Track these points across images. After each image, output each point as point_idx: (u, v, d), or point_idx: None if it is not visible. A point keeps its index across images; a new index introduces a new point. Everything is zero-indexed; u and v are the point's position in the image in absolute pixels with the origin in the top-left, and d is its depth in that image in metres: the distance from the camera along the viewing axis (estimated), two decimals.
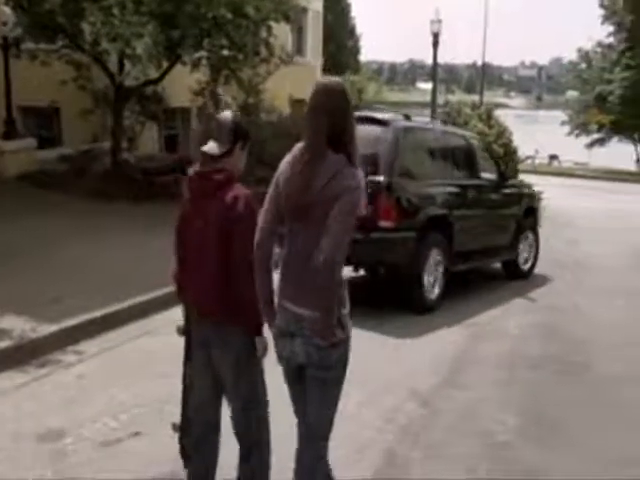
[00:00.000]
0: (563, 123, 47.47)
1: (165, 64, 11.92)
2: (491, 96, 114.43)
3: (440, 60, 24.07)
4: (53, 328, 5.47)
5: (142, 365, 5.19)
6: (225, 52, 11.90)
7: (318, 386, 2.65)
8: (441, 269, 7.08)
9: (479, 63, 45.97)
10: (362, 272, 7.59)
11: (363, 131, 6.87)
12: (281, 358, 2.73)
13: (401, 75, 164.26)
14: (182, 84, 13.26)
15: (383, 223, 6.43)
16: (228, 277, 2.86)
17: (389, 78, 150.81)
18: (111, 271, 7.19)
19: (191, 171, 3.06)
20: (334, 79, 2.68)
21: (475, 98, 52.48)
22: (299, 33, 19.78)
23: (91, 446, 3.93)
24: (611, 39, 40.53)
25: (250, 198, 2.93)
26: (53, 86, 12.07)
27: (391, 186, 6.52)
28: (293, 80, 16.31)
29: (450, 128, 8.73)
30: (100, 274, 7.05)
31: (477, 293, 8.09)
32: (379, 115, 7.33)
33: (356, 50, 40.74)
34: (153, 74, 12.04)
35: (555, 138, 47.81)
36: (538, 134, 59.30)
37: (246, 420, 3.05)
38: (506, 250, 8.57)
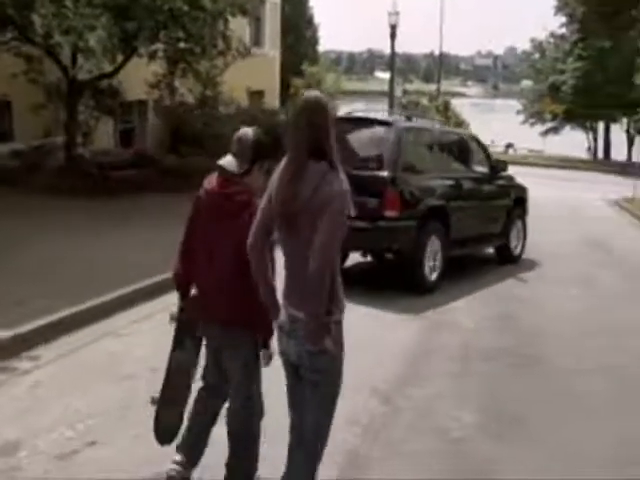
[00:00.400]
0: (518, 112, 48.25)
1: (120, 57, 11.69)
2: (448, 85, 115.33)
3: (398, 50, 24.21)
4: (9, 333, 5.32)
5: (103, 369, 5.07)
6: (182, 44, 11.75)
7: (311, 388, 2.79)
8: (439, 254, 7.79)
9: (436, 52, 46.28)
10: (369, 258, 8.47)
11: (369, 131, 7.73)
12: (280, 352, 2.89)
13: (359, 64, 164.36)
14: (138, 77, 13.05)
15: (388, 213, 7.16)
16: (244, 288, 2.98)
17: (348, 67, 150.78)
18: (77, 271, 7.06)
19: (208, 185, 3.14)
20: (314, 94, 2.81)
21: (433, 87, 53.14)
22: (257, 24, 19.60)
23: (47, 459, 3.76)
24: (564, 30, 41.26)
25: None
26: (3, 79, 11.72)
27: (395, 180, 7.27)
28: (251, 71, 16.18)
29: (448, 128, 9.52)
30: (66, 274, 6.91)
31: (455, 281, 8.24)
32: (383, 117, 8.27)
33: (314, 40, 40.55)
34: (108, 67, 11.80)
35: (511, 126, 48.56)
36: (494, 123, 60.18)
37: (242, 418, 3.21)
38: (498, 237, 9.38)
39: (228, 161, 3.05)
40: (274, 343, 3.03)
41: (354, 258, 8.35)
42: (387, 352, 5.78)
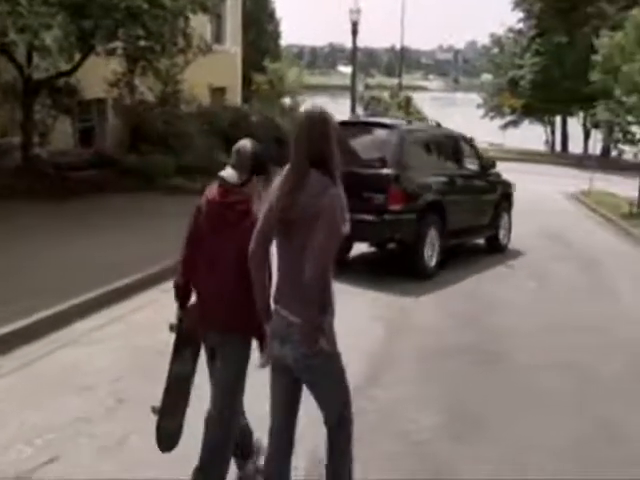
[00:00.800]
0: (479, 106, 48.88)
1: (78, 55, 11.48)
2: (410, 79, 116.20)
3: (360, 44, 24.33)
4: None
5: (62, 380, 4.96)
6: (142, 42, 11.59)
7: (315, 390, 2.99)
8: (437, 244, 8.61)
9: (398, 47, 46.59)
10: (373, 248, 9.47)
11: (374, 134, 8.59)
12: (271, 357, 3.00)
13: (322, 59, 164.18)
14: (97, 75, 12.83)
15: (392, 207, 8.02)
16: (244, 295, 3.08)
17: (310, 62, 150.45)
18: (34, 277, 6.94)
19: (209, 195, 3.24)
20: (316, 108, 2.94)
21: (395, 81, 53.33)
22: (218, 20, 19.41)
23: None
24: (522, 25, 41.88)
25: None
26: None
27: (398, 178, 8.10)
28: (213, 68, 16.03)
29: (442, 128, 10.10)
30: (23, 280, 6.79)
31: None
32: (387, 121, 9.34)
33: (276, 35, 40.34)
34: (65, 66, 11.58)
35: (472, 120, 49.24)
36: (455, 116, 60.57)
37: (225, 424, 3.28)
38: (487, 228, 10.30)
39: (228, 173, 3.17)
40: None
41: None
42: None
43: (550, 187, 23.04)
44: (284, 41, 45.41)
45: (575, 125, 45.06)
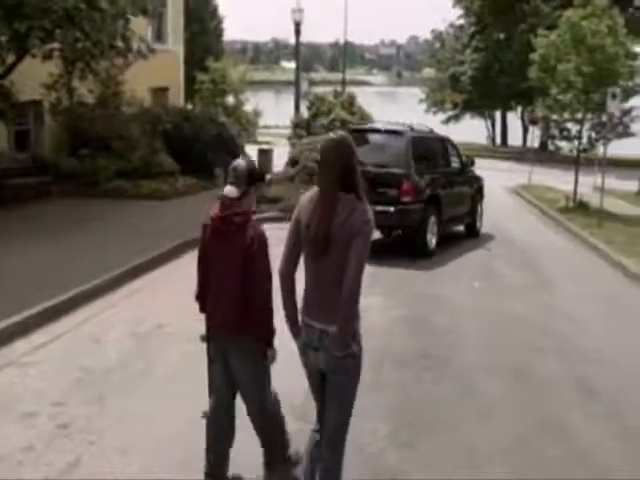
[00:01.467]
0: (421, 101, 49.61)
1: (12, 57, 11.12)
2: (354, 74, 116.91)
3: (303, 39, 24.35)
4: None
5: (2, 405, 4.77)
6: (79, 45, 11.30)
7: (336, 390, 3.24)
8: (435, 230, 10.38)
9: (341, 42, 46.74)
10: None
11: (384, 138, 10.27)
12: (306, 365, 3.31)
13: (265, 54, 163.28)
14: (33, 77, 12.43)
15: (404, 199, 9.78)
16: (248, 300, 3.47)
17: (253, 57, 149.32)
18: None
19: (212, 213, 3.58)
20: (340, 134, 3.26)
21: (339, 76, 53.39)
22: (159, 18, 19.04)
23: None
24: (462, 21, 42.63)
25: (263, 235, 3.55)
26: None
27: (408, 175, 9.89)
28: (154, 68, 15.70)
29: (434, 133, 11.82)
30: None
31: None
32: (395, 127, 10.73)
33: (219, 31, 39.94)
34: None
35: (415, 115, 49.92)
36: (399, 111, 61.14)
37: (263, 417, 3.69)
38: (467, 217, 12.11)
39: (228, 189, 3.50)
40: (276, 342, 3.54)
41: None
42: None
43: (492, 181, 23.50)
44: (227, 36, 44.77)
45: (514, 119, 46.38)
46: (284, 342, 3.54)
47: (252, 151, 20.69)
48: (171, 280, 8.09)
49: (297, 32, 18.34)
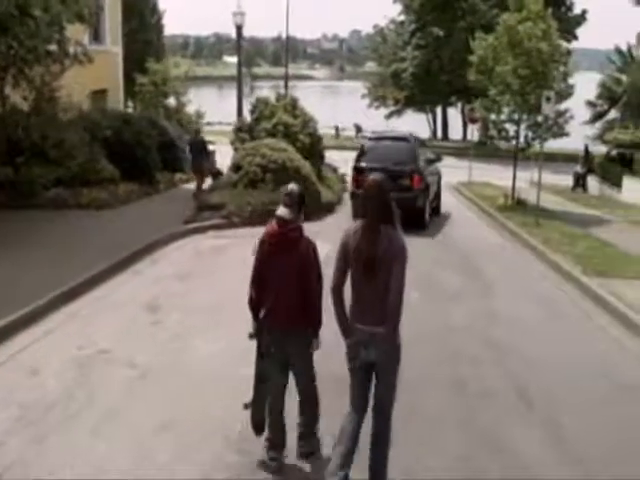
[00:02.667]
0: (363, 96, 50.02)
1: None
2: (297, 68, 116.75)
3: (246, 33, 24.33)
4: None
5: None
6: (12, 51, 10.95)
7: (385, 376, 4.14)
8: (429, 209, 14.11)
9: (284, 36, 46.53)
10: None
11: (395, 143, 14.19)
12: (354, 359, 4.13)
13: (207, 49, 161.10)
14: None
15: (415, 187, 13.40)
16: (303, 300, 4.33)
17: (195, 52, 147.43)
18: None
19: (270, 230, 4.37)
20: (379, 178, 4.15)
21: (281, 71, 53.15)
22: (96, 18, 18.55)
23: None
24: (402, 17, 43.10)
25: (314, 247, 4.42)
26: None
27: (417, 170, 13.57)
28: (92, 70, 15.26)
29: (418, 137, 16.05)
30: None
31: None
32: (402, 134, 15.19)
33: (159, 27, 39.22)
34: None
35: (358, 109, 50.30)
36: (344, 106, 61.58)
37: (309, 389, 4.55)
38: (435, 199, 15.38)
39: (284, 212, 4.30)
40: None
41: None
42: None
43: None
44: (168, 31, 43.97)
45: (455, 113, 47.27)
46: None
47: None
48: (112, 300, 7.92)
49: (239, 34, 18.17)
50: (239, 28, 18.17)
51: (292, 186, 4.44)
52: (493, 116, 17.38)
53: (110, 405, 5.17)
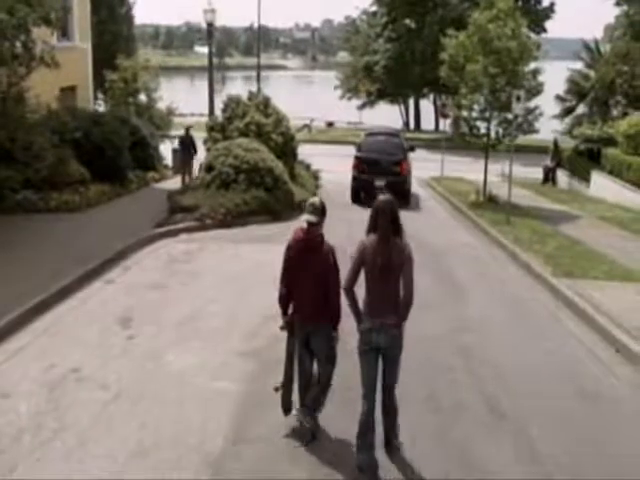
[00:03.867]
0: (336, 87, 50.02)
1: None
2: (269, 58, 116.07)
3: (217, 23, 24.10)
4: None
5: None
6: None
7: (393, 359, 4.94)
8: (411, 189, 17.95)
9: (256, 26, 46.25)
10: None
11: (389, 138, 18.20)
12: (368, 343, 4.86)
13: (179, 39, 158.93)
14: None
15: (403, 173, 16.75)
16: (327, 297, 5.06)
17: (166, 42, 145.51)
18: None
19: (296, 235, 5.15)
20: (389, 197, 4.91)
21: (254, 61, 52.70)
22: (64, 15, 18.18)
23: None
24: (375, 8, 43.11)
25: (334, 250, 5.15)
26: None
27: (405, 159, 16.86)
28: (61, 68, 15.03)
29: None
30: None
31: None
32: (393, 130, 20.01)
33: (129, 18, 38.62)
34: None
35: (331, 100, 50.28)
36: (317, 97, 61.29)
37: (328, 371, 5.25)
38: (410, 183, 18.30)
39: (310, 217, 5.04)
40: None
41: None
42: None
43: None
44: (138, 21, 43.26)
45: (427, 103, 47.52)
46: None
47: (166, 151, 20.35)
48: (84, 312, 7.81)
49: (209, 33, 17.95)
50: (210, 25, 17.95)
51: (315, 199, 5.20)
52: (465, 113, 17.52)
53: (83, 430, 5.10)
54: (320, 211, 5.06)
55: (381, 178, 16.19)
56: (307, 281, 5.05)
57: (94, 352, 6.47)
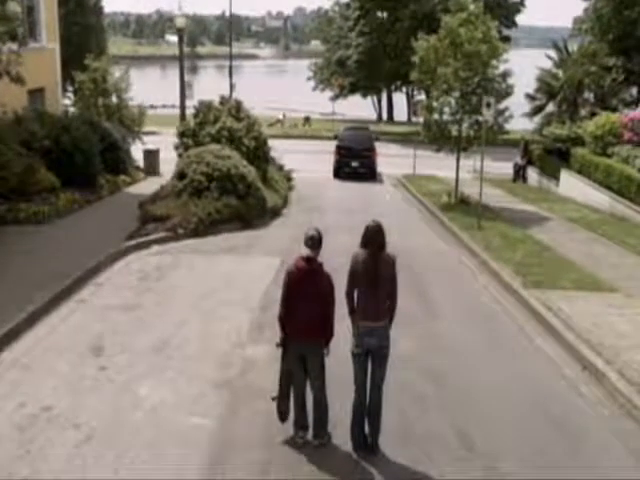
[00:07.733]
0: (309, 79, 49.90)
1: None
2: (241, 47, 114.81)
3: (189, 11, 23.90)
4: None
5: None
6: None
7: (380, 359, 5.67)
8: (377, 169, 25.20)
9: (227, 14, 45.78)
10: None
11: (361, 132, 26.81)
12: (359, 346, 5.63)
13: (149, 27, 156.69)
14: None
15: (372, 157, 24.25)
16: (320, 319, 5.60)
17: (137, 31, 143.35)
18: None
19: (297, 264, 5.63)
20: (377, 222, 5.71)
21: (226, 50, 52.05)
22: (29, 14, 17.82)
23: None
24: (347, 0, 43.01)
25: (331, 277, 5.68)
26: None
27: (373, 148, 24.39)
28: (29, 68, 14.71)
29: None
30: None
31: None
32: (366, 127, 29.23)
33: (99, 9, 38.03)
34: None
35: (305, 92, 50.14)
36: (289, 88, 60.86)
37: (320, 391, 5.72)
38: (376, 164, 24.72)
39: (308, 251, 5.56)
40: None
41: None
42: None
43: (379, 169, 24.38)
44: (108, 9, 42.56)
45: (400, 95, 47.67)
46: None
47: (138, 152, 20.16)
48: (55, 341, 7.65)
49: (180, 38, 17.69)
50: (180, 30, 17.73)
51: (313, 232, 5.66)
52: (436, 116, 17.61)
53: (56, 476, 5.05)
54: (318, 243, 5.62)
55: (355, 160, 23.94)
56: (306, 304, 5.56)
57: (65, 387, 6.40)
